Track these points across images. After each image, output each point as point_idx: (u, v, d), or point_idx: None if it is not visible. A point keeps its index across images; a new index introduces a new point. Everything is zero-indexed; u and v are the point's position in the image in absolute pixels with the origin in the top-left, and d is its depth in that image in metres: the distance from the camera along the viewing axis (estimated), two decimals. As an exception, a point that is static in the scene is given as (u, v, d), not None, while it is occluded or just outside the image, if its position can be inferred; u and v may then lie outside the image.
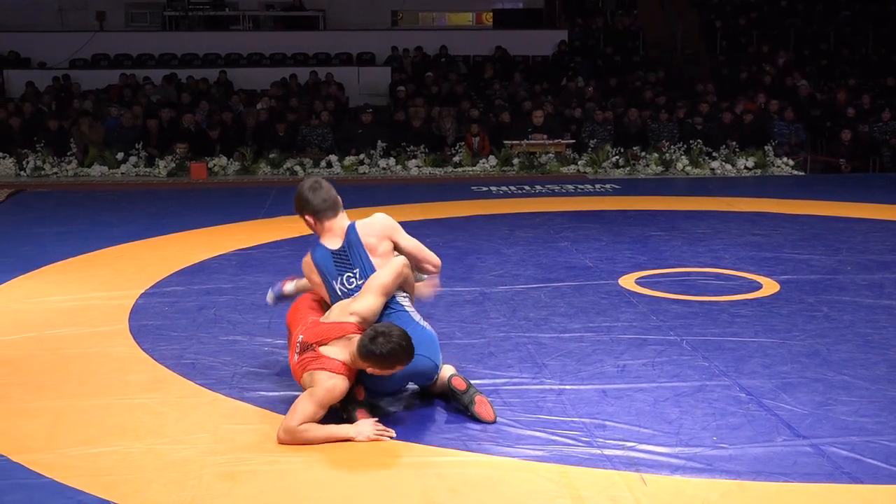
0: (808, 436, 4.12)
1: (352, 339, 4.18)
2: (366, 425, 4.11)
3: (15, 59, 17.93)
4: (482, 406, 4.32)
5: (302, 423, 4.05)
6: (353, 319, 4.28)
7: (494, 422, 4.29)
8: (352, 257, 4.51)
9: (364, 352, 4.06)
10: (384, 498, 3.63)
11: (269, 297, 5.18)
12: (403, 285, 4.54)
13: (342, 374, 4.14)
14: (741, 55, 18.90)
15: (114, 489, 3.67)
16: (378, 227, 4.61)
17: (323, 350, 4.19)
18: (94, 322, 6.01)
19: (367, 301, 4.34)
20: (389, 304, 4.46)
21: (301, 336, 4.33)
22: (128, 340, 5.60)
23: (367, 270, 4.47)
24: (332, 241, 4.57)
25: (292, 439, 4.05)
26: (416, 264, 4.68)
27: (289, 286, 5.09)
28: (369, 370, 4.15)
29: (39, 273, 7.40)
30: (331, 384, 4.11)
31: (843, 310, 6.12)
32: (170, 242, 8.56)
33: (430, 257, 4.73)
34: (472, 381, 4.50)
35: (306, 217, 4.64)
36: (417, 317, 4.50)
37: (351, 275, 4.50)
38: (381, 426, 4.13)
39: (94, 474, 3.81)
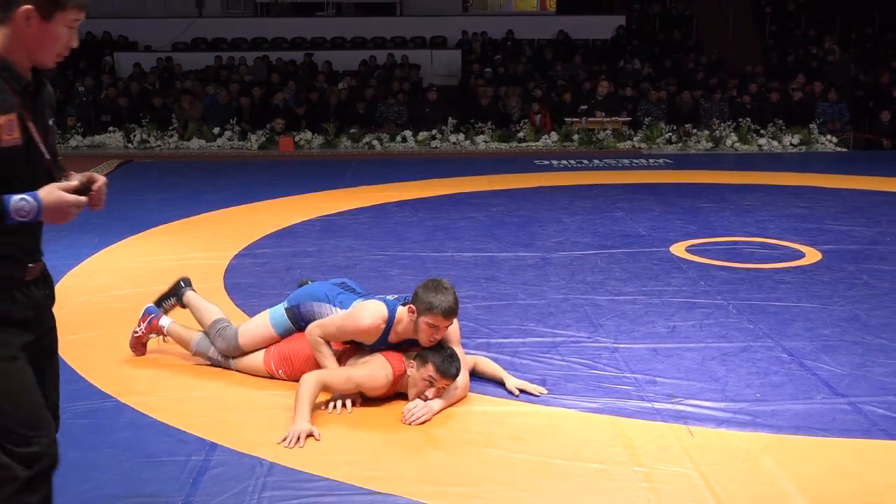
0: (846, 394, 4.05)
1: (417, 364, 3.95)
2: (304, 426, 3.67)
3: (123, 42, 18.18)
4: None
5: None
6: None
7: None
8: None
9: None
10: (454, 442, 3.66)
11: None
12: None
13: (391, 367, 3.95)
14: (789, 39, 18.41)
15: (210, 429, 3.75)
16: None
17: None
18: (193, 279, 6.09)
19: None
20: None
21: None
22: (223, 297, 5.70)
23: None
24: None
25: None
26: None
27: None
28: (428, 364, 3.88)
29: (146, 235, 7.54)
30: (381, 373, 3.94)
31: (882, 278, 5.98)
32: (261, 209, 8.65)
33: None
34: (534, 339, 4.57)
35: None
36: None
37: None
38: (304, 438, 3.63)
39: (193, 416, 3.90)
